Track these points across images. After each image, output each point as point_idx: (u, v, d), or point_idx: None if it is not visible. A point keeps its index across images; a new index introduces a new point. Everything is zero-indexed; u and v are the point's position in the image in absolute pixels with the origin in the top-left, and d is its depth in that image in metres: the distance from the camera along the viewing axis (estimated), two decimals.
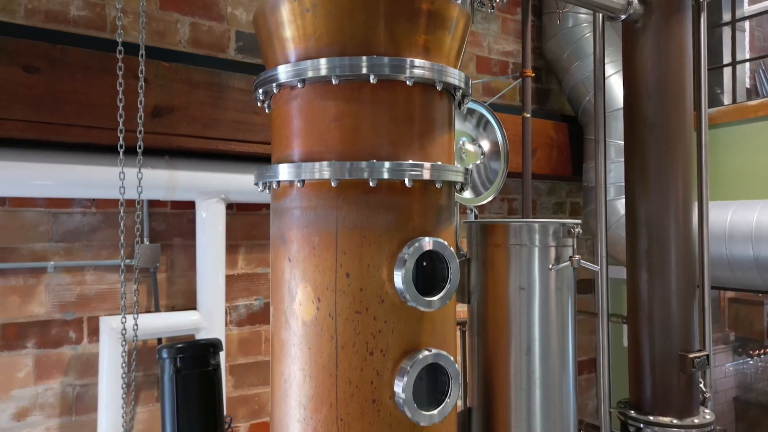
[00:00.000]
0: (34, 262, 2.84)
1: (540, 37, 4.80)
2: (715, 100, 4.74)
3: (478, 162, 2.21)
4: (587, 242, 5.21)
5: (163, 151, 2.96)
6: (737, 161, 4.26)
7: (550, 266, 1.81)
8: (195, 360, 1.91)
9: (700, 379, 2.48)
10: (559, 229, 1.83)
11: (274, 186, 1.47)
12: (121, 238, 2.47)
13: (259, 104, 1.58)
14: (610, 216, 4.15)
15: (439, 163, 1.42)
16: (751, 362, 6.64)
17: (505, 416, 1.83)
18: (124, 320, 2.11)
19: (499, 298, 1.85)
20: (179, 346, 1.92)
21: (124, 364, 2.26)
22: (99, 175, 2.78)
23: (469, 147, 2.20)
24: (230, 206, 3.35)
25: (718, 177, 4.31)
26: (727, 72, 4.83)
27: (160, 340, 3.12)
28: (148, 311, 3.12)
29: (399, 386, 1.36)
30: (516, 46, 4.77)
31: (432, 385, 1.41)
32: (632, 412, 2.36)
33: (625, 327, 2.52)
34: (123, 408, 2.86)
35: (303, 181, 1.38)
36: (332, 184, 1.35)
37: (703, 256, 2.44)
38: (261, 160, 3.21)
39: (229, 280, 3.35)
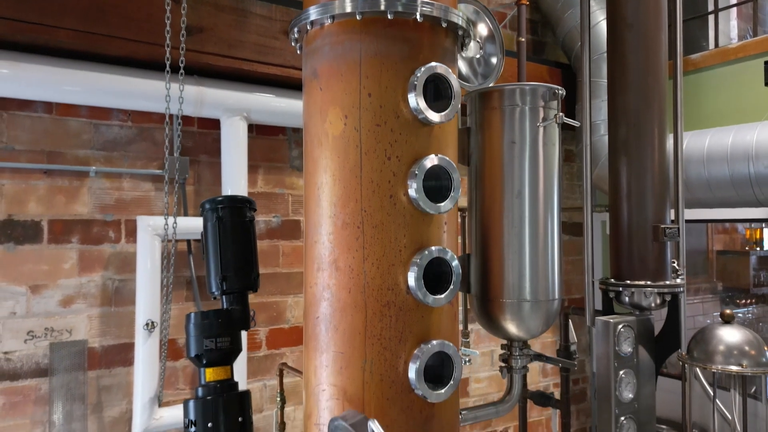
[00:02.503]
0: (78, 166, 3.16)
1: None
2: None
3: (478, 56, 2.52)
4: (580, 187, 5.52)
5: (192, 70, 3.28)
6: (719, 102, 4.57)
7: (539, 123, 2.13)
8: (234, 211, 2.22)
9: (674, 259, 2.79)
10: (546, 92, 2.15)
11: (308, 27, 1.77)
12: (166, 152, 2.79)
13: None
14: (599, 152, 4.45)
15: (445, 5, 1.73)
16: (740, 314, 6.95)
17: (498, 253, 2.14)
18: (166, 223, 2.47)
19: (494, 153, 2.16)
20: (220, 199, 2.24)
21: (160, 261, 2.59)
22: (135, 86, 3.10)
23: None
24: (250, 129, 3.66)
25: (701, 118, 4.61)
26: (712, 25, 5.14)
27: (189, 243, 3.44)
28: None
29: (411, 185, 1.67)
30: None
31: (437, 188, 1.72)
32: (612, 280, 2.68)
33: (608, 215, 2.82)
34: (163, 306, 3.19)
35: (332, 16, 1.69)
36: (357, 18, 1.66)
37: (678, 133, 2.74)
38: (280, 83, 3.53)
39: (250, 196, 3.66)
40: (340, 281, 1.71)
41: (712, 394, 2.64)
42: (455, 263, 1.71)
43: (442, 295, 1.69)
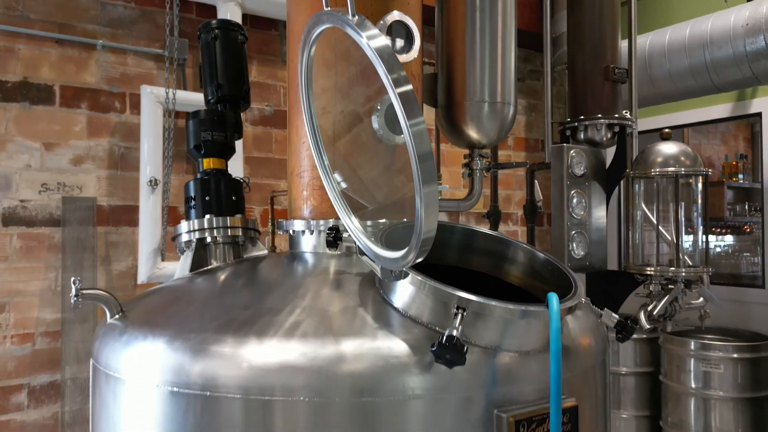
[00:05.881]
0: (86, 38, 3.46)
1: None
2: None
3: None
4: (560, 110, 5.81)
5: None
6: (691, 14, 4.86)
7: None
8: (226, 32, 2.51)
9: (626, 110, 3.09)
10: None
11: None
12: (167, 30, 3.05)
13: None
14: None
15: None
16: (714, 241, 7.28)
17: (461, 61, 2.44)
18: (167, 98, 2.74)
19: None
20: (213, 21, 2.53)
21: (162, 128, 2.87)
22: None
23: None
24: (245, 21, 3.95)
25: None
26: None
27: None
28: None
29: None
30: None
31: None
32: (568, 119, 2.99)
33: None
34: (165, 176, 3.48)
35: None
36: None
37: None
38: None
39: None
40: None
41: (655, 222, 2.96)
42: (413, 26, 2.01)
43: (412, 50, 2.00)
